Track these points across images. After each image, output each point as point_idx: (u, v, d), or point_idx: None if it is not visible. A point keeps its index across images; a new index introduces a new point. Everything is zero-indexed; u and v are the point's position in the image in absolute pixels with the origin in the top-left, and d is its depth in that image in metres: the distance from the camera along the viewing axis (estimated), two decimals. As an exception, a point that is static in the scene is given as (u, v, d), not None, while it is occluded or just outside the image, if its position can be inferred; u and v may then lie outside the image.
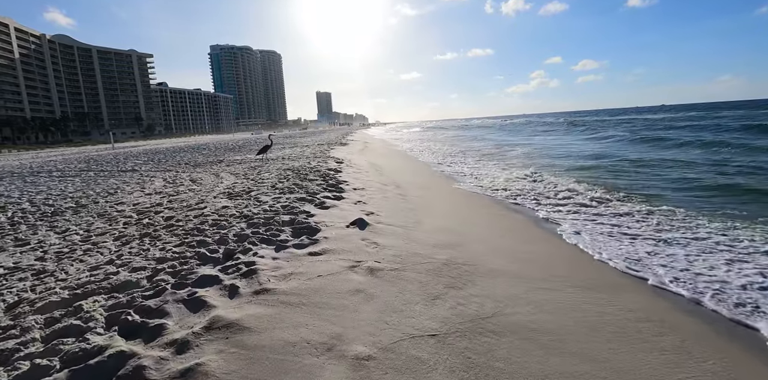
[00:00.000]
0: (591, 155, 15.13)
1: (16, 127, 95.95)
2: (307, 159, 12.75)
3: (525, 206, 7.10)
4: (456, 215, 6.34)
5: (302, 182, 7.29)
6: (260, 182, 7.36)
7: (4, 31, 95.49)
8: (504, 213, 6.68)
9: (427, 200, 7.44)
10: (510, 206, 7.26)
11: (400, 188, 8.28)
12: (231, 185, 7.16)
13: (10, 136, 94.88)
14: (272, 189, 6.45)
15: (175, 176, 10.21)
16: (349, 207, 5.73)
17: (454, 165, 13.95)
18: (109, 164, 16.63)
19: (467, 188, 9.07)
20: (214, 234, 4.08)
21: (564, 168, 11.83)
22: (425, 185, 9.52)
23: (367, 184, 8.07)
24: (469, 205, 7.50)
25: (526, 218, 6.26)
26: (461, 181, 10.24)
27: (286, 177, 7.77)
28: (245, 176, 8.59)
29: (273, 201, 5.54)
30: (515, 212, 6.78)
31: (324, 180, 7.66)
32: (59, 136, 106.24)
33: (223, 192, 6.40)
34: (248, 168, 11.05)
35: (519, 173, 10.81)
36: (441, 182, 10.11)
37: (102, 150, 38.12)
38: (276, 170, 9.25)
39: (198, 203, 5.67)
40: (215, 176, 9.28)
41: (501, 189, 8.75)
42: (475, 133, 46.41)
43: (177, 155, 20.77)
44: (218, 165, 13.31)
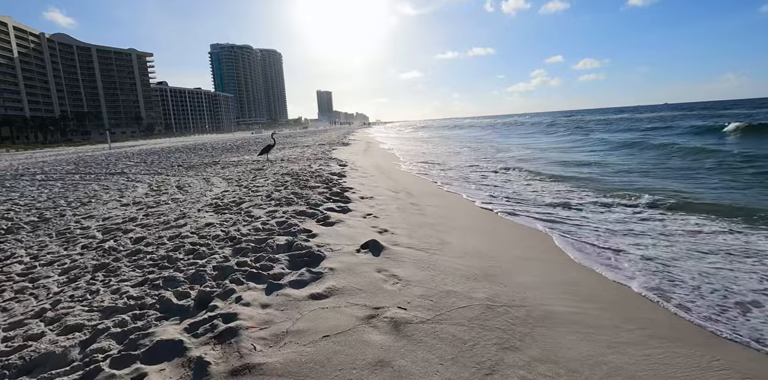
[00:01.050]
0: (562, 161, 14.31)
1: (16, 126, 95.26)
2: (307, 161, 11.85)
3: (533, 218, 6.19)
4: (480, 232, 5.43)
5: (302, 190, 6.39)
6: (254, 190, 6.46)
7: (2, 30, 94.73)
8: (525, 229, 5.77)
9: (444, 211, 6.54)
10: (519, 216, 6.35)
11: (413, 197, 7.38)
12: (221, 194, 6.26)
13: (9, 135, 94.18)
14: (267, 200, 5.55)
15: (162, 180, 9.32)
16: (357, 223, 4.83)
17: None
18: (99, 166, 15.75)
19: (472, 198, 8.16)
20: (188, 266, 3.18)
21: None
22: (437, 192, 8.61)
23: (375, 191, 7.16)
24: (487, 218, 6.60)
25: (542, 232, 5.35)
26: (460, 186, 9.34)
27: (284, 184, 6.86)
28: (238, 182, 7.69)
29: (267, 216, 4.64)
30: (525, 224, 5.87)
31: (327, 187, 6.75)
32: (59, 135, 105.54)
33: (211, 204, 5.50)
34: (243, 172, 10.15)
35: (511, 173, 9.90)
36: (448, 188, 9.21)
37: (98, 150, 37.26)
38: (273, 175, 8.34)
39: (178, 219, 4.77)
40: (206, 181, 8.39)
41: (516, 198, 7.84)
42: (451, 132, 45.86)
43: (172, 155, 19.88)
44: (212, 168, 12.42)
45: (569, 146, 20.58)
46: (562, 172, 10.83)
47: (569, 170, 11.11)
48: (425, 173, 11.26)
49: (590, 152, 16.58)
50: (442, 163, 14.41)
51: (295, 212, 4.85)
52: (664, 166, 11.24)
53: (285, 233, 4.07)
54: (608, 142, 19.94)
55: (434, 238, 4.64)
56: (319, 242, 3.94)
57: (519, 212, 6.59)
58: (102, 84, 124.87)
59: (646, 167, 11.21)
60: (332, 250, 3.76)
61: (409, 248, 4.06)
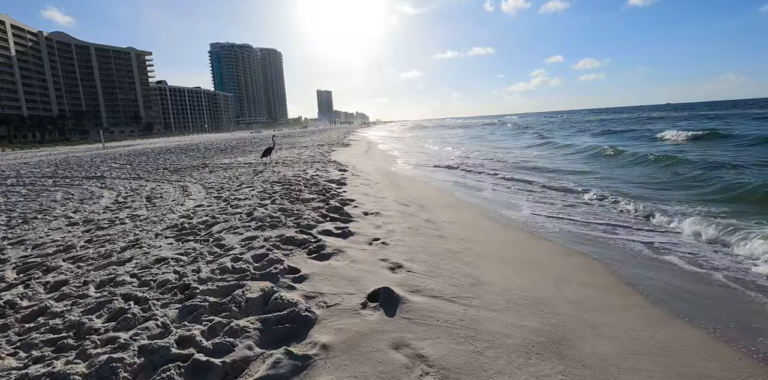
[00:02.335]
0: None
1: (13, 125, 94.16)
2: (303, 165, 10.70)
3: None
4: (518, 261, 4.28)
5: (293, 204, 5.24)
6: (234, 204, 5.30)
7: (0, 29, 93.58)
8: (570, 254, 4.62)
9: (466, 230, 5.38)
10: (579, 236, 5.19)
11: (425, 210, 6.23)
12: (192, 210, 5.11)
13: (7, 134, 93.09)
14: (247, 220, 4.40)
15: (136, 188, 8.17)
16: (362, 253, 3.69)
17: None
18: (80, 169, 14.61)
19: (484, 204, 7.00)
20: (102, 347, 2.03)
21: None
22: (451, 203, 7.46)
23: (381, 204, 6.01)
24: (519, 238, 5.44)
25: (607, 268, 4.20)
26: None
27: (271, 196, 5.71)
28: (219, 192, 6.53)
29: (242, 246, 3.49)
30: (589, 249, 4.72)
31: (323, 200, 5.60)
32: (57, 134, 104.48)
33: (175, 225, 4.35)
34: (230, 177, 9.00)
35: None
36: (462, 195, 8.04)
37: (91, 150, 36.14)
38: (261, 183, 7.19)
39: (126, 249, 3.63)
40: (183, 190, 7.23)
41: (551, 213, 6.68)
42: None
43: (161, 157, 18.74)
44: (199, 171, 11.28)
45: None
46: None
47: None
48: (433, 178, 10.10)
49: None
50: (448, 166, 13.25)
51: (279, 240, 3.70)
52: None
53: (262, 276, 2.93)
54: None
55: (464, 275, 3.49)
56: (309, 290, 2.79)
57: (553, 231, 5.44)
58: (101, 83, 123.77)
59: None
60: (326, 305, 2.62)
61: (435, 297, 2.91)
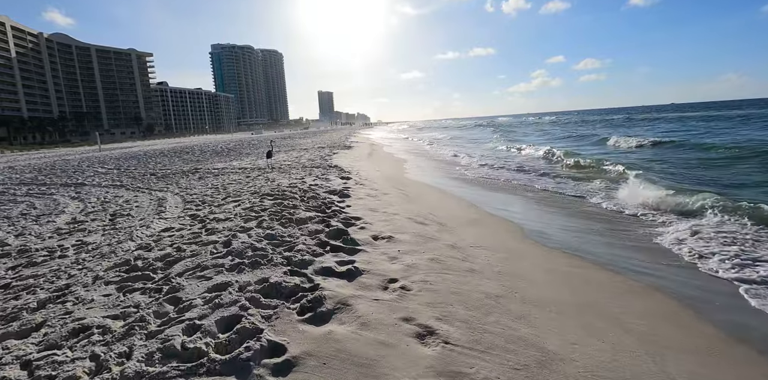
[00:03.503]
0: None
1: (13, 127, 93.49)
2: (302, 171, 9.64)
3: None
4: (580, 308, 3.21)
5: (285, 226, 4.18)
6: (212, 227, 4.22)
7: (0, 30, 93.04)
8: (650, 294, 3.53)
9: (502, 259, 4.31)
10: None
11: (446, 229, 5.16)
12: (157, 236, 4.03)
13: (7, 136, 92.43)
14: (223, 252, 3.34)
15: (108, 200, 7.10)
16: (375, 307, 2.62)
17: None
18: (63, 174, 13.60)
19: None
20: None
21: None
22: (473, 217, 6.39)
23: (393, 222, 4.94)
24: (569, 267, 4.37)
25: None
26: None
27: (259, 215, 4.63)
28: (198, 208, 5.46)
29: (206, 303, 2.43)
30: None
31: (323, 219, 4.54)
32: (57, 136, 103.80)
33: (126, 261, 3.28)
34: (217, 187, 7.95)
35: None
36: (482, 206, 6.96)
37: (87, 152, 35.19)
38: (251, 195, 6.12)
39: (42, 306, 2.58)
40: (159, 203, 6.17)
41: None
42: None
43: (153, 160, 17.72)
44: (187, 178, 10.25)
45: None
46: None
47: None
48: (446, 184, 9.02)
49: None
50: (458, 168, 12.18)
51: (261, 288, 2.64)
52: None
53: (226, 366, 1.86)
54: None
55: (522, 343, 2.42)
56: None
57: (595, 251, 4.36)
58: (101, 84, 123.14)
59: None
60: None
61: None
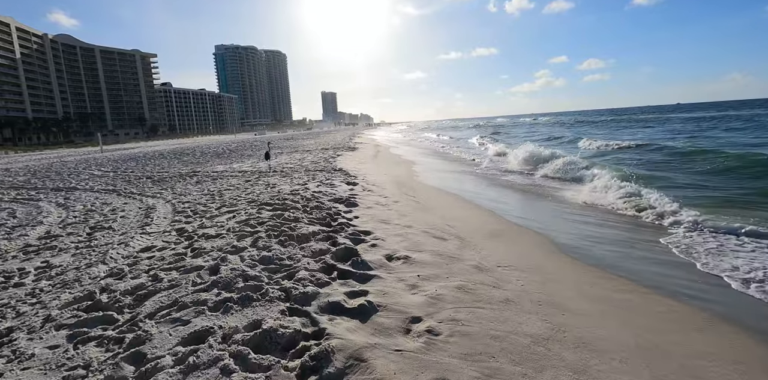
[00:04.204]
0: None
1: (17, 128, 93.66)
2: (305, 175, 9.05)
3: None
4: (651, 352, 2.58)
5: (284, 244, 3.57)
6: (199, 247, 3.59)
7: (5, 31, 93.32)
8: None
9: (539, 283, 3.69)
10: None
11: (469, 245, 4.55)
12: (134, 258, 3.42)
13: (11, 137, 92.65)
14: (207, 282, 2.74)
15: (93, 208, 6.54)
16: (398, 363, 2.01)
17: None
18: (57, 177, 13.10)
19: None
20: None
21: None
22: (495, 228, 5.76)
23: (408, 238, 4.34)
24: (600, 281, 3.74)
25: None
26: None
27: (255, 230, 4.03)
28: (188, 220, 4.85)
29: (178, 361, 1.83)
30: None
31: (328, 235, 3.94)
32: (61, 137, 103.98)
33: (89, 295, 2.66)
34: (215, 192, 7.37)
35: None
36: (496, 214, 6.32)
37: (88, 153, 34.84)
38: (248, 205, 5.53)
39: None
40: (146, 214, 5.59)
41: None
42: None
43: (152, 162, 17.21)
44: (184, 182, 9.69)
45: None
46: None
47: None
48: (457, 188, 8.38)
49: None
50: (465, 167, 11.55)
51: (251, 338, 2.03)
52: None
53: None
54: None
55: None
56: None
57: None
58: (105, 85, 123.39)
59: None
60: None
61: None
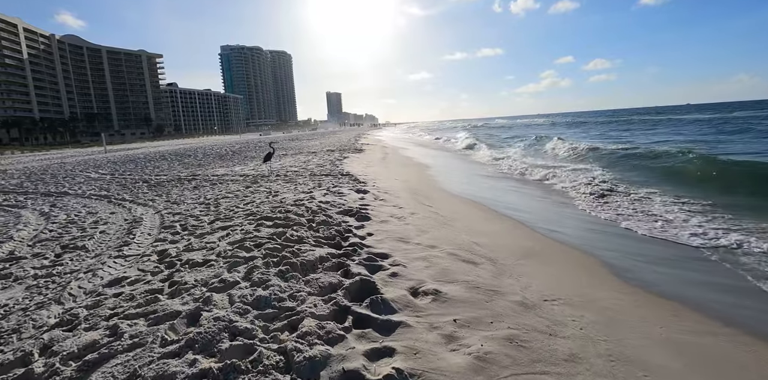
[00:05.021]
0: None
1: (24, 128, 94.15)
2: (310, 180, 8.38)
3: None
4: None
5: (285, 277, 2.88)
6: (178, 281, 2.89)
7: (12, 32, 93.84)
8: None
9: (595, 319, 2.98)
10: None
11: (502, 269, 3.83)
12: (95, 297, 2.67)
13: (18, 137, 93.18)
14: (181, 341, 2.07)
15: (75, 220, 5.90)
16: None
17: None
18: (52, 180, 12.55)
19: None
20: None
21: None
22: (528, 244, 5.04)
23: (433, 262, 3.63)
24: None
25: None
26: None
27: (251, 255, 3.29)
28: (175, 239, 4.18)
29: None
30: None
31: (340, 263, 3.25)
32: (68, 137, 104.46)
33: (20, 359, 2.00)
34: (211, 201, 6.72)
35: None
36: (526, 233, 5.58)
37: (92, 154, 34.51)
38: (246, 219, 4.84)
39: None
40: (130, 228, 4.94)
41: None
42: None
43: (152, 164, 16.66)
44: (181, 187, 9.06)
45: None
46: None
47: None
48: (480, 195, 7.64)
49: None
50: (475, 167, 10.81)
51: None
52: None
53: None
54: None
55: None
56: None
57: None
58: (112, 85, 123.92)
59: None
60: None
61: None
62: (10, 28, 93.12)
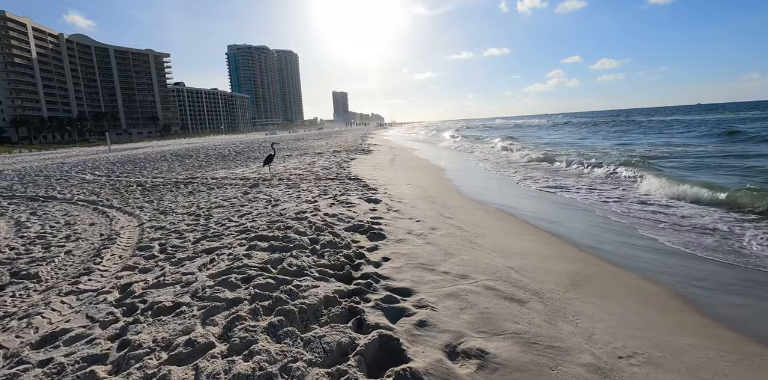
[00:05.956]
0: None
1: (33, 126, 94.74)
2: (315, 186, 7.63)
3: None
4: None
5: (277, 333, 2.12)
6: (131, 342, 2.15)
7: (21, 31, 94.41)
8: None
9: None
10: None
11: (553, 307, 3.04)
12: (11, 366, 2.02)
13: (27, 135, 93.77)
14: None
15: (53, 230, 5.23)
16: None
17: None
18: (45, 182, 11.95)
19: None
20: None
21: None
22: (571, 268, 4.24)
23: (468, 301, 2.85)
24: None
25: None
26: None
27: (234, 292, 2.57)
28: (146, 266, 3.44)
29: None
30: None
31: (351, 306, 2.48)
32: (76, 135, 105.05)
33: None
34: (204, 210, 6.00)
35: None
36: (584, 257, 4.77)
37: (95, 153, 34.14)
38: (236, 238, 4.10)
39: None
40: (101, 246, 4.23)
41: None
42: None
43: (150, 165, 16.04)
44: (176, 191, 8.37)
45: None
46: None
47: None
48: (501, 202, 6.82)
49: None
50: (486, 168, 9.98)
51: None
52: None
53: None
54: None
55: None
56: None
57: None
58: (119, 84, 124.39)
59: None
60: None
61: None
62: (20, 28, 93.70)
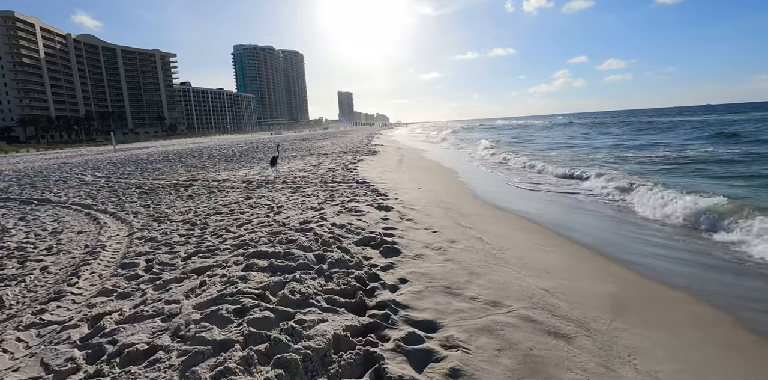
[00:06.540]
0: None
1: (41, 126, 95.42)
2: (321, 190, 7.17)
3: None
4: None
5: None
6: None
7: (29, 31, 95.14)
8: None
9: None
10: None
11: (608, 348, 2.54)
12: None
13: (35, 135, 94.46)
14: None
15: (36, 239, 4.82)
16: None
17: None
18: (43, 184, 11.62)
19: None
20: None
21: None
22: (611, 288, 3.73)
23: (505, 335, 2.36)
24: None
25: None
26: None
27: (225, 331, 2.10)
28: (126, 289, 2.97)
29: None
30: None
31: (363, 340, 2.01)
32: (83, 135, 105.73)
33: None
34: (201, 218, 5.56)
35: None
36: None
37: (100, 153, 34.00)
38: (230, 254, 3.64)
39: None
40: (78, 266, 3.78)
41: None
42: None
43: (152, 165, 15.69)
44: (174, 195, 7.95)
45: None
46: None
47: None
48: (533, 214, 6.30)
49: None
50: (501, 171, 9.44)
51: None
52: None
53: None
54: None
55: None
56: None
57: None
58: (126, 84, 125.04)
59: None
60: None
61: None
62: (28, 28, 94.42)
